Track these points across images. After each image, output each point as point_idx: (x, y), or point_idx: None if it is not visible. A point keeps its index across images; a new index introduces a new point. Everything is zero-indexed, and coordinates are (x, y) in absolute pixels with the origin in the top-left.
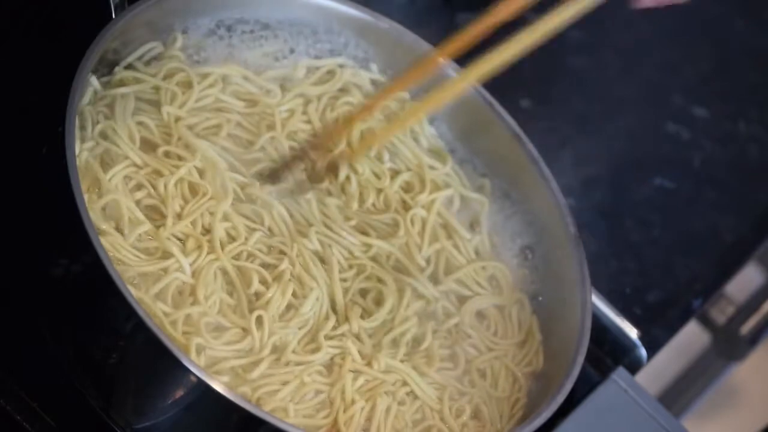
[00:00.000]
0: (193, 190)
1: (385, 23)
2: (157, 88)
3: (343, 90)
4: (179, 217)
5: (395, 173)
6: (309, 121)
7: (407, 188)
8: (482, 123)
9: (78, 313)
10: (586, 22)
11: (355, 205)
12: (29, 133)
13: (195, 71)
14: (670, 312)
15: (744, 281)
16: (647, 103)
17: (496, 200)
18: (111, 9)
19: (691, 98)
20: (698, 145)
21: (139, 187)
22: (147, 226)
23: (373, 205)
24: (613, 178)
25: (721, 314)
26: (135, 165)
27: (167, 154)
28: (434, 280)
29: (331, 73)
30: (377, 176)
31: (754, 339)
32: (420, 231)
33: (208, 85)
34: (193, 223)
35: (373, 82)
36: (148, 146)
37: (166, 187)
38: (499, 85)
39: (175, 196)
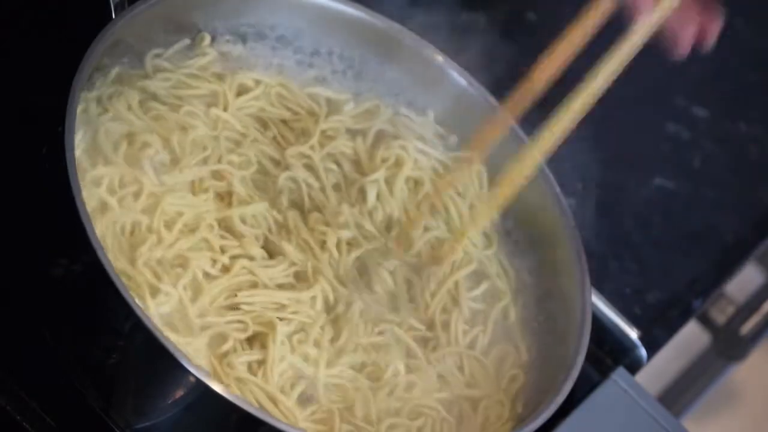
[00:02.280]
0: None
1: (382, 22)
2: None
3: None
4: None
5: (428, 228)
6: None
7: (436, 244)
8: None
9: (78, 313)
10: None
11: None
12: (29, 133)
13: (244, 75)
14: (670, 312)
15: (744, 281)
16: (647, 103)
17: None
18: (111, 9)
19: (691, 98)
20: (698, 145)
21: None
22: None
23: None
24: (613, 178)
25: (721, 314)
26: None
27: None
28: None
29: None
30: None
31: (754, 339)
32: (433, 291)
33: (253, 98)
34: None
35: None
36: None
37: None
38: (499, 85)
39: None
